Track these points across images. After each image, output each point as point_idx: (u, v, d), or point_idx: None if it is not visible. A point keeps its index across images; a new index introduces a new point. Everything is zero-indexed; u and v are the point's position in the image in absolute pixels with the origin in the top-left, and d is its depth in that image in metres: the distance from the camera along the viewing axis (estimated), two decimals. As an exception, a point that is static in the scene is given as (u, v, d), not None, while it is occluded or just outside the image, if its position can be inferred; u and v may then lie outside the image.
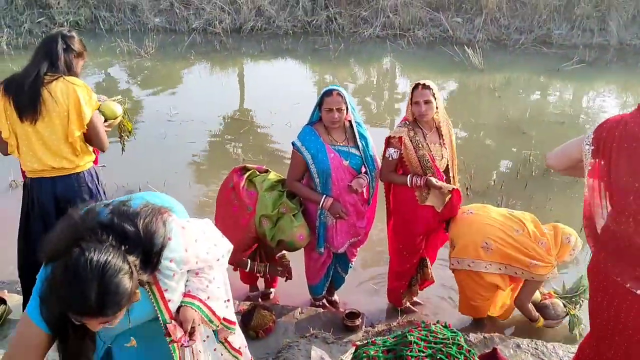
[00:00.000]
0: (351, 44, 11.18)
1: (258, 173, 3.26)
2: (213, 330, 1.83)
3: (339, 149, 3.08)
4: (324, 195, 3.07)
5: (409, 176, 3.07)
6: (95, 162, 3.23)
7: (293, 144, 3.10)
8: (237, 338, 1.98)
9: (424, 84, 2.97)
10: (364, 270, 4.06)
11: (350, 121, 3.09)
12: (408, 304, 3.59)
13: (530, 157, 5.79)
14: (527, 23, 11.40)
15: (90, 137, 2.69)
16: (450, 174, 3.20)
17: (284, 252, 3.42)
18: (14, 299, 3.02)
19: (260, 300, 3.63)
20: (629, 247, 1.87)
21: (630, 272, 1.89)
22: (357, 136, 3.09)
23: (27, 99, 2.50)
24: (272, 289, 3.75)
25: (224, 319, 1.78)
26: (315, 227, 3.18)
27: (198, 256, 1.64)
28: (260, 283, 3.75)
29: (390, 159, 3.09)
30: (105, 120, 3.18)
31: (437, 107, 3.01)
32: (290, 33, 11.92)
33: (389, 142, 3.10)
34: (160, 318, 1.58)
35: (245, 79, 9.82)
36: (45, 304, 1.43)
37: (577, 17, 11.16)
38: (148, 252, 1.44)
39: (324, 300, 3.62)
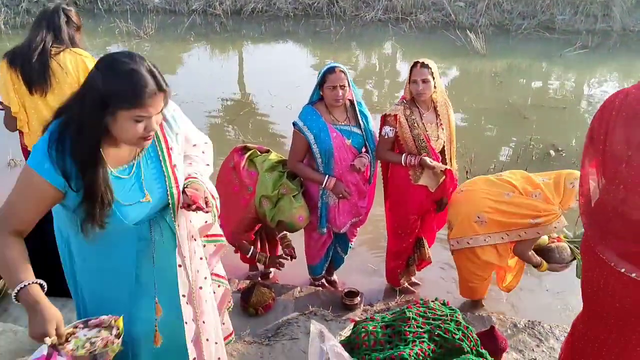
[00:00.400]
0: (352, 27, 11.12)
1: (259, 153, 3.24)
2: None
3: (341, 128, 3.05)
4: (327, 175, 3.06)
5: (403, 155, 3.06)
6: None
7: (294, 124, 3.05)
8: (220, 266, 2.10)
9: (422, 63, 2.93)
10: (363, 251, 4.07)
11: (350, 100, 3.07)
12: (406, 284, 3.59)
13: (531, 141, 5.78)
14: (530, 8, 11.33)
15: None
16: (447, 156, 3.18)
17: (285, 232, 3.43)
18: (14, 275, 3.04)
19: (259, 279, 3.64)
20: (616, 218, 1.86)
21: (615, 247, 1.89)
22: (359, 115, 3.08)
23: (36, 71, 2.47)
24: (271, 269, 3.75)
25: (213, 234, 1.95)
26: (317, 207, 3.17)
27: (193, 128, 1.87)
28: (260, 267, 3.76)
29: (387, 137, 3.07)
30: None
31: (435, 87, 2.99)
32: (291, 15, 11.83)
33: (385, 120, 3.08)
34: (167, 181, 1.67)
35: (245, 61, 9.76)
36: (61, 143, 1.45)
37: (580, 3, 11.09)
38: None
39: (323, 280, 3.63)
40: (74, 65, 2.52)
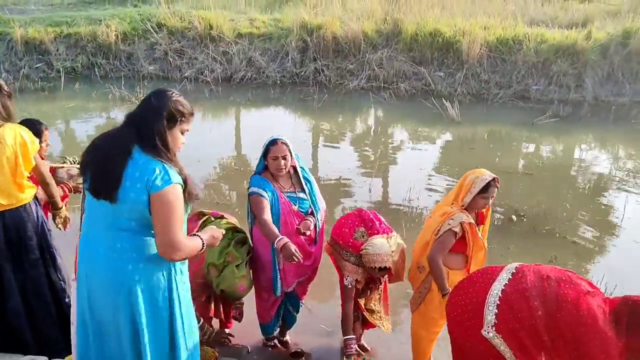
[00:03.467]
0: (335, 95, 11.61)
1: (213, 219, 3.39)
2: None
3: (288, 195, 3.27)
4: (281, 237, 3.03)
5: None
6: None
7: (251, 193, 3.21)
8: None
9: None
10: (319, 312, 4.17)
11: (294, 167, 3.31)
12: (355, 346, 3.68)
13: (494, 207, 5.99)
14: (506, 78, 11.86)
15: (35, 175, 2.87)
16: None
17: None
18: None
19: (205, 338, 3.70)
20: None
21: None
22: (303, 181, 3.31)
23: None
24: (226, 330, 3.85)
25: None
26: (268, 267, 3.31)
27: None
28: (215, 323, 3.86)
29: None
30: None
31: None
32: (278, 83, 12.38)
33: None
34: None
35: (232, 127, 10.14)
36: None
37: (554, 74, 11.64)
38: None
39: (275, 341, 3.73)
40: (11, 139, 2.70)
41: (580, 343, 2.00)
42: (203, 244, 2.27)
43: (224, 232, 2.46)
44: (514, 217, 5.87)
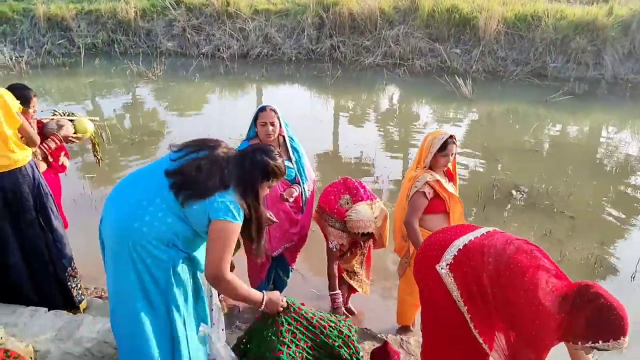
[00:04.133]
0: (350, 72, 11.65)
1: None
2: None
3: (273, 162, 3.41)
4: None
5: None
6: (63, 169, 3.65)
7: None
8: None
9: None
10: (310, 276, 4.35)
11: (284, 136, 3.44)
12: (342, 308, 3.85)
13: (495, 182, 6.04)
14: (523, 55, 11.72)
15: (22, 134, 3.02)
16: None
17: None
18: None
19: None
20: None
21: None
22: (290, 150, 3.44)
23: None
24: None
25: None
26: None
27: None
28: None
29: None
30: (75, 133, 3.63)
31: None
32: (293, 60, 12.45)
33: None
34: None
35: (244, 102, 10.29)
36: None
37: (572, 51, 11.43)
38: None
39: (267, 303, 3.91)
40: None
41: (515, 304, 2.10)
42: (262, 300, 2.40)
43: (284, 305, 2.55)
44: (514, 192, 5.91)
